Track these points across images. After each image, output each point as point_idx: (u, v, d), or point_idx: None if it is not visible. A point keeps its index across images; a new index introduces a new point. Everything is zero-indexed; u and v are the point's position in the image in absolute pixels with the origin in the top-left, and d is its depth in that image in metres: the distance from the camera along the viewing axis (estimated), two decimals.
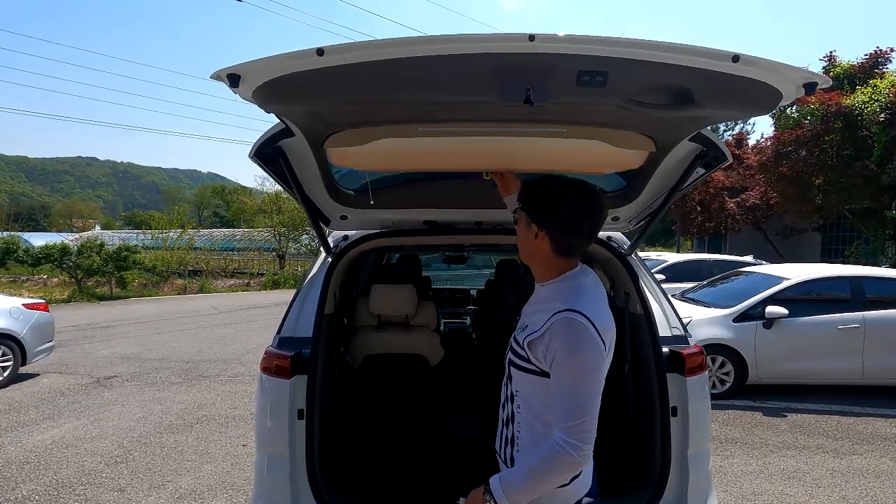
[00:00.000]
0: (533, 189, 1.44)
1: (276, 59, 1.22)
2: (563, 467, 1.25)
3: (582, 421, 1.24)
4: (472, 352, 5.04)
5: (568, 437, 1.23)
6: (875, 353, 5.94)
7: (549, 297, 1.39)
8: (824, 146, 12.07)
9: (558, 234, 1.37)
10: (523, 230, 1.45)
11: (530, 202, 1.43)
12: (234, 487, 3.67)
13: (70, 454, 4.23)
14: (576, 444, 1.23)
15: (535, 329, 1.34)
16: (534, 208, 1.41)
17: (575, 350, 1.26)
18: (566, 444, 1.23)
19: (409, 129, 1.77)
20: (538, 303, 1.43)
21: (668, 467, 2.07)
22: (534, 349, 1.33)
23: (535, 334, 1.34)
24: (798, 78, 1.27)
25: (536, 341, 1.33)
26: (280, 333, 2.24)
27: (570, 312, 1.29)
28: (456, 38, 1.21)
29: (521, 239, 1.47)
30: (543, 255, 1.41)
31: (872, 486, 3.85)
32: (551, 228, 1.37)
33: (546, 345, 1.30)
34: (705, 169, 2.07)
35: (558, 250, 1.39)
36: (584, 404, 1.25)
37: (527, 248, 1.46)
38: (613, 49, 1.21)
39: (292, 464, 2.02)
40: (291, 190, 2.15)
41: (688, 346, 2.22)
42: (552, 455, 1.25)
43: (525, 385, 1.40)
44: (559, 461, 1.24)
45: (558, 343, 1.27)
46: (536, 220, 1.40)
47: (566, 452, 1.23)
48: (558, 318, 1.29)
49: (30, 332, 6.51)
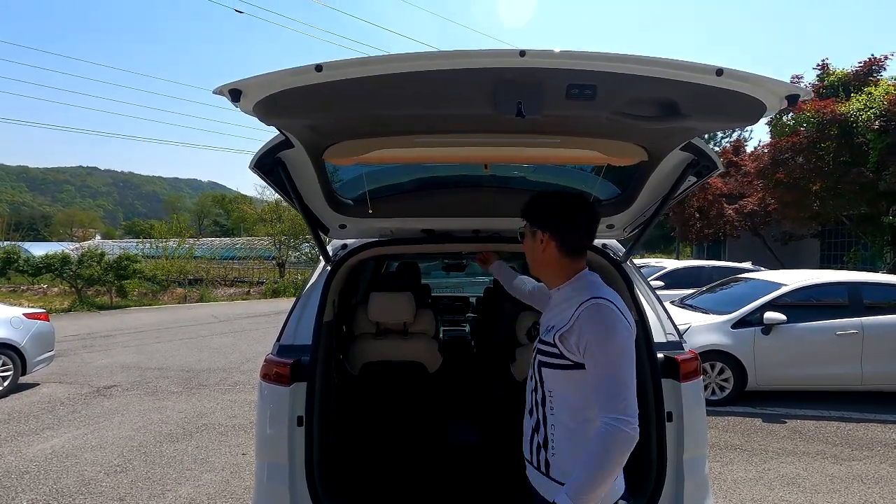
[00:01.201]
0: (531, 202, 1.57)
1: (276, 76, 1.26)
2: (621, 445, 1.27)
3: (625, 398, 1.30)
4: (471, 359, 5.06)
5: (618, 414, 1.28)
6: (874, 358, 5.95)
7: (569, 295, 1.48)
8: (821, 153, 12.14)
9: (563, 235, 1.49)
10: (530, 242, 1.56)
11: (530, 213, 1.56)
12: (233, 496, 3.67)
13: (70, 463, 4.24)
14: (625, 419, 1.28)
15: (563, 324, 1.42)
16: (534, 216, 1.55)
17: (607, 334, 1.33)
18: (617, 422, 1.27)
19: (406, 140, 1.82)
20: (557, 305, 1.52)
21: (664, 473, 2.08)
22: (566, 342, 1.40)
23: (564, 328, 1.41)
24: (781, 90, 1.31)
25: (567, 334, 1.39)
26: (280, 341, 2.27)
27: (595, 299, 1.38)
28: (451, 53, 1.25)
29: (530, 251, 1.58)
30: (553, 259, 1.51)
31: (871, 492, 3.85)
32: (553, 229, 1.49)
33: (578, 334, 1.37)
34: (697, 177, 2.11)
35: (564, 250, 1.50)
36: (623, 383, 1.31)
37: (536, 257, 1.56)
38: (601, 64, 1.26)
39: (291, 471, 2.03)
40: (291, 200, 2.19)
41: (682, 352, 2.24)
42: (607, 437, 1.27)
43: (559, 382, 1.45)
44: (616, 440, 1.27)
45: (590, 329, 1.34)
46: (538, 225, 1.51)
47: (619, 430, 1.27)
48: (585, 306, 1.38)
49: (30, 341, 6.52)
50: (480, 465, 2.97)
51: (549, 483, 1.46)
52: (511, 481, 1.59)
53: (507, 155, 2.08)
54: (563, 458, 1.44)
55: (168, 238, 23.60)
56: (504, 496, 2.46)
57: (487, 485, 2.67)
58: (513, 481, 1.59)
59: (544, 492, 1.48)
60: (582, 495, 1.27)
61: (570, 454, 1.42)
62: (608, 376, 1.31)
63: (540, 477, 1.50)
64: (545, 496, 1.47)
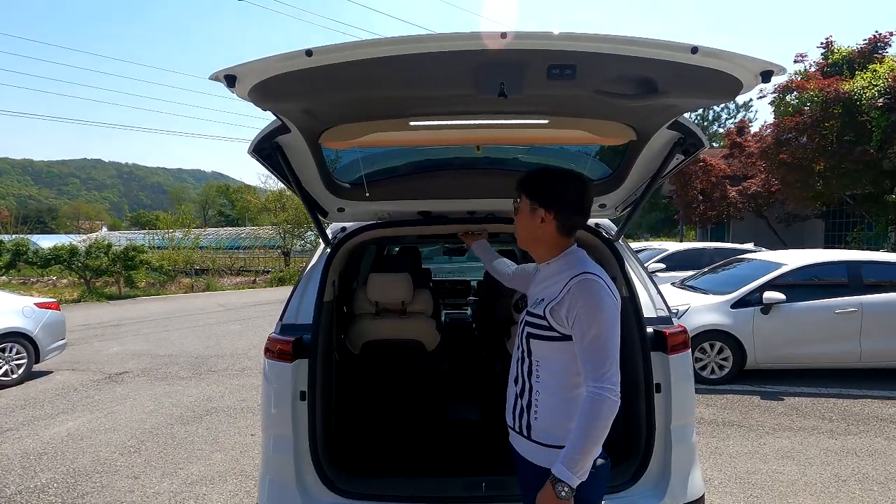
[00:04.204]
0: (535, 178, 1.58)
1: (268, 61, 1.33)
2: (607, 411, 1.37)
3: (610, 368, 1.39)
4: (472, 341, 5.17)
5: (602, 383, 1.37)
6: (872, 336, 6.00)
7: (558, 270, 1.54)
8: (824, 132, 12.03)
9: (566, 215, 1.53)
10: (527, 217, 1.57)
11: (536, 190, 1.55)
12: (243, 474, 3.81)
13: (85, 445, 4.39)
14: (610, 387, 1.38)
15: (552, 297, 1.48)
16: (535, 193, 1.55)
17: (596, 306, 1.41)
18: (603, 390, 1.37)
19: (400, 123, 1.88)
20: (547, 279, 1.57)
21: (653, 440, 2.17)
22: (556, 315, 1.47)
23: (553, 301, 1.47)
24: (755, 67, 1.36)
25: (557, 307, 1.46)
26: (282, 321, 2.36)
27: (585, 274, 1.45)
28: (436, 37, 1.31)
29: (524, 225, 1.60)
30: (548, 236, 1.56)
31: (864, 464, 3.94)
32: (556, 209, 1.52)
33: (567, 307, 1.44)
34: (685, 155, 2.16)
35: (562, 230, 1.55)
36: (609, 353, 1.40)
37: (531, 232, 1.58)
38: (580, 44, 1.31)
39: (295, 442, 2.13)
40: (290, 184, 2.27)
41: (671, 327, 2.31)
42: (594, 404, 1.37)
43: (546, 352, 1.52)
44: (603, 406, 1.36)
45: (580, 302, 1.41)
46: (544, 204, 1.53)
47: (605, 397, 1.36)
48: (575, 280, 1.45)
49: (42, 330, 6.68)
50: (480, 440, 3.08)
51: (530, 445, 1.54)
52: (506, 455, 1.68)
53: (499, 136, 2.13)
54: (545, 422, 1.51)
55: (174, 229, 23.80)
56: (502, 468, 2.56)
57: (486, 457, 2.77)
58: (508, 455, 1.68)
59: (527, 454, 1.56)
60: (576, 462, 1.36)
61: (551, 418, 1.50)
62: (595, 348, 1.40)
63: (522, 440, 1.58)
64: (528, 458, 1.55)
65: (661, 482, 2.16)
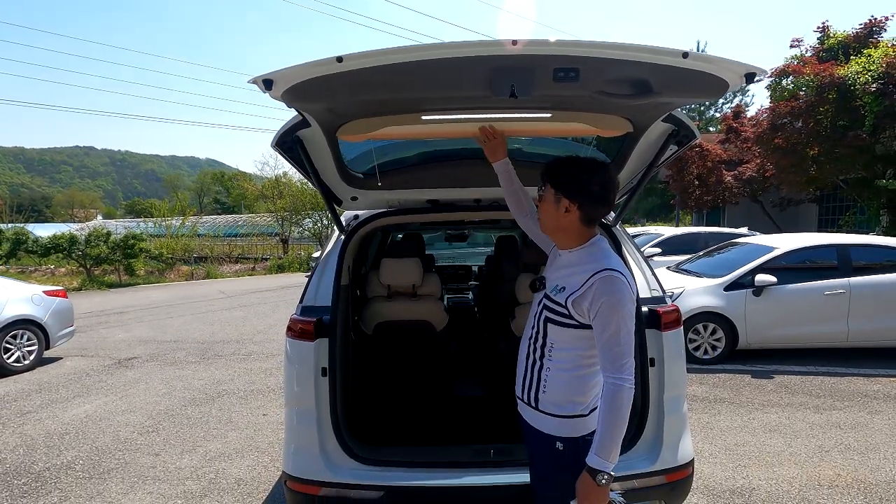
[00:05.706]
0: (561, 167, 1.62)
1: (303, 67, 1.47)
2: (626, 399, 1.50)
3: (628, 359, 1.52)
4: (474, 323, 5.36)
5: (621, 374, 1.50)
6: (860, 316, 6.23)
7: (581, 260, 1.61)
8: (819, 117, 12.15)
9: (590, 206, 1.59)
10: (551, 205, 1.63)
11: (561, 180, 1.60)
12: (258, 449, 4.01)
13: (104, 425, 4.58)
14: (627, 377, 1.51)
15: (575, 289, 1.57)
16: (562, 183, 1.59)
17: (618, 302, 1.51)
18: (622, 381, 1.50)
19: (413, 117, 2.02)
20: (569, 266, 1.64)
21: (647, 409, 2.36)
22: (577, 306, 1.56)
23: (576, 293, 1.56)
24: (740, 70, 1.52)
25: (580, 299, 1.55)
26: (302, 303, 2.52)
27: (608, 271, 1.53)
28: (455, 44, 1.46)
29: (548, 214, 1.66)
30: (572, 225, 1.63)
31: (847, 436, 4.16)
32: (581, 200, 1.59)
33: (590, 301, 1.53)
34: (678, 146, 2.32)
35: (586, 221, 1.62)
36: (627, 346, 1.52)
37: (555, 221, 1.65)
38: (583, 50, 1.46)
39: (318, 413, 2.31)
40: (308, 175, 2.41)
41: (664, 305, 2.49)
42: (616, 394, 1.49)
43: (562, 336, 1.63)
44: (623, 395, 1.49)
45: (603, 298, 1.51)
46: (565, 193, 1.58)
47: (624, 387, 1.49)
48: (600, 276, 1.53)
49: (51, 317, 6.83)
50: (483, 414, 3.28)
51: (537, 414, 1.70)
52: (511, 428, 1.86)
53: (503, 129, 2.28)
54: (553, 396, 1.66)
55: (171, 217, 23.84)
56: (508, 437, 2.75)
57: (490, 431, 2.97)
58: (513, 428, 1.86)
59: (534, 422, 1.72)
60: (608, 449, 1.49)
61: (560, 393, 1.65)
62: (615, 341, 1.51)
63: (529, 410, 1.74)
64: (534, 426, 1.72)
65: (654, 448, 2.35)
